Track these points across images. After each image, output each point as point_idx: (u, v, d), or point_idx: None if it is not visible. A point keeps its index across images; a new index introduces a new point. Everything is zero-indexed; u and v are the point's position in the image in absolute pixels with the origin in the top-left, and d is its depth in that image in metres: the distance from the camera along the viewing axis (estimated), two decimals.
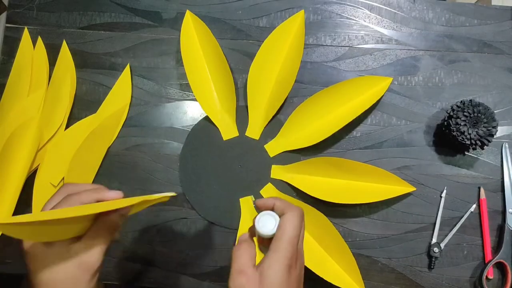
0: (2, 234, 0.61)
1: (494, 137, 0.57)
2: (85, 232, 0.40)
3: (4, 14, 0.66)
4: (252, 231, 0.43)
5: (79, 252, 0.39)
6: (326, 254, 0.59)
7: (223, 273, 0.60)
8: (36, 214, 0.36)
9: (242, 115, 0.63)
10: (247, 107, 0.63)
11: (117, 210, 0.41)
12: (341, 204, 0.60)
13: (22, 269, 0.61)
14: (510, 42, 0.63)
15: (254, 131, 0.62)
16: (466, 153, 0.61)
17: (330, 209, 0.60)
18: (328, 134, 0.60)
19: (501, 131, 0.61)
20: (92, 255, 0.39)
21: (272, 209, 0.42)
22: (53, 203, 0.40)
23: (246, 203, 0.61)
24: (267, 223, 0.41)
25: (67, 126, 0.63)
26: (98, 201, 0.41)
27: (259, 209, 0.44)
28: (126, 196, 0.42)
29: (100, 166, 0.63)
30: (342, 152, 0.62)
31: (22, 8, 0.66)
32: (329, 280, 0.57)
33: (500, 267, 0.60)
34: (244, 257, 0.39)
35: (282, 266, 0.38)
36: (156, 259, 0.61)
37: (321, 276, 0.56)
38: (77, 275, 0.39)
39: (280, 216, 0.41)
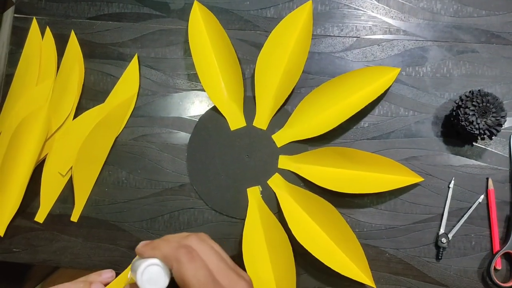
0: (9, 223, 0.61)
1: (503, 127, 0.57)
2: None
3: (12, 5, 0.67)
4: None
5: None
6: (334, 244, 0.59)
7: None
8: None
9: (249, 105, 0.63)
10: (254, 97, 0.63)
11: None
12: (349, 194, 0.60)
13: (28, 258, 0.62)
14: None
15: (261, 121, 0.62)
16: (474, 143, 0.61)
17: (338, 199, 0.60)
18: (336, 125, 0.60)
19: (509, 121, 0.61)
20: None
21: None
22: None
23: (253, 193, 0.61)
24: (154, 278, 0.34)
25: (75, 116, 0.63)
26: None
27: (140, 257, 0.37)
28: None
29: (108, 156, 0.63)
30: (349, 142, 0.62)
31: None
32: (336, 270, 0.57)
33: (508, 258, 0.59)
34: None
35: None
36: None
37: (328, 266, 0.56)
38: None
39: (169, 268, 0.34)
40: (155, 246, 0.37)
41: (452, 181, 0.60)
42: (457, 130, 0.59)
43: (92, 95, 0.64)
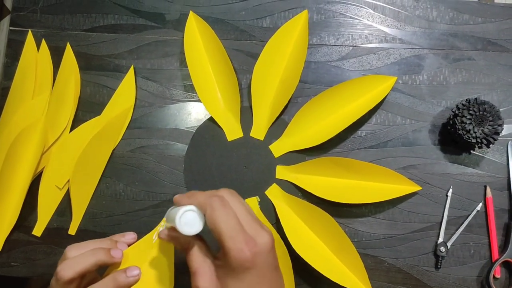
0: (7, 238, 0.61)
1: (500, 135, 0.57)
2: None
3: (8, 17, 0.66)
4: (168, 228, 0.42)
5: None
6: (332, 254, 0.59)
7: None
8: None
9: (246, 116, 0.63)
10: (251, 107, 0.63)
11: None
12: (347, 204, 0.59)
13: (27, 272, 0.61)
14: None
15: (258, 131, 0.62)
16: (471, 151, 0.61)
17: (336, 209, 0.60)
18: (333, 134, 0.60)
19: (506, 129, 0.61)
20: None
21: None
22: None
23: (251, 204, 0.61)
24: (189, 222, 0.37)
25: (71, 129, 0.63)
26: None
27: (177, 205, 0.41)
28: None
29: (105, 168, 0.63)
30: (347, 151, 0.62)
31: (26, 11, 0.66)
32: (335, 280, 0.56)
33: (507, 266, 0.59)
34: (197, 256, 0.40)
35: (238, 273, 0.36)
36: None
37: (327, 276, 0.56)
38: None
39: (203, 213, 0.38)
40: (191, 195, 0.41)
41: (450, 190, 0.60)
42: (454, 139, 0.59)
43: (88, 107, 0.64)
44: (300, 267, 0.58)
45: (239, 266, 0.36)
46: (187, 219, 0.38)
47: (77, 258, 0.43)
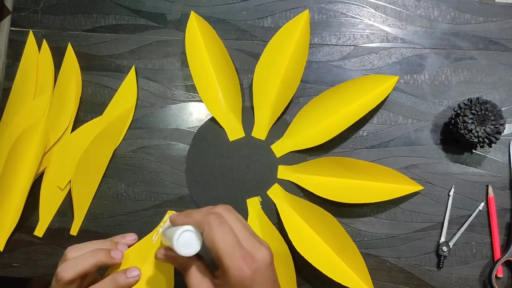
0: (9, 238, 0.61)
1: (502, 134, 0.57)
2: None
3: (8, 18, 0.66)
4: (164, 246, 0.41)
5: None
6: (334, 254, 0.58)
7: None
8: None
9: (248, 116, 0.63)
10: (253, 107, 0.62)
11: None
12: (349, 203, 0.59)
13: (28, 273, 0.61)
14: None
15: (260, 131, 0.62)
16: (473, 151, 0.61)
17: (338, 209, 0.60)
18: (335, 134, 0.60)
19: (508, 128, 0.61)
20: None
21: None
22: None
23: (253, 204, 0.61)
24: (188, 242, 0.37)
25: (73, 129, 0.63)
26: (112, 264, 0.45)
27: (174, 225, 0.40)
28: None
29: (107, 169, 0.63)
30: (348, 151, 0.62)
31: (27, 11, 0.66)
32: (337, 280, 0.56)
33: (510, 265, 0.59)
34: (195, 275, 0.40)
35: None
36: None
37: (329, 276, 0.56)
38: None
39: (200, 232, 0.38)
40: (187, 214, 0.40)
41: (452, 189, 0.60)
42: (456, 138, 0.59)
43: (89, 107, 0.64)
44: (302, 267, 0.58)
45: (239, 284, 0.36)
46: (185, 239, 0.37)
47: (77, 259, 0.43)
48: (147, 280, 0.47)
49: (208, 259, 0.44)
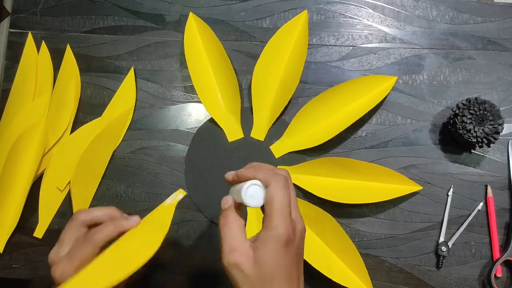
0: (8, 240, 0.61)
1: (500, 134, 0.57)
2: None
3: (7, 19, 0.66)
4: (234, 200, 0.42)
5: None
6: (333, 255, 0.59)
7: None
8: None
9: (247, 117, 0.63)
10: (251, 108, 0.63)
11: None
12: (348, 204, 0.59)
13: (28, 274, 0.61)
14: None
15: (259, 132, 0.62)
16: (472, 151, 0.61)
17: (337, 209, 0.60)
18: (334, 134, 0.60)
19: (507, 128, 0.61)
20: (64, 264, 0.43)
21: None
22: (78, 245, 0.44)
23: None
24: (254, 196, 0.39)
25: (72, 130, 0.63)
26: (119, 234, 0.44)
27: (240, 181, 0.42)
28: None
29: (106, 170, 0.63)
30: (347, 152, 0.62)
31: (26, 13, 0.66)
32: (336, 281, 0.57)
33: (509, 265, 0.59)
34: (234, 232, 0.39)
35: (278, 243, 0.37)
36: (163, 261, 0.61)
37: (328, 276, 0.56)
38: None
39: (265, 186, 0.39)
40: (256, 168, 0.41)
41: (451, 189, 0.60)
42: (454, 138, 0.59)
43: (89, 109, 0.64)
44: None
45: (279, 242, 0.37)
46: (252, 192, 0.39)
47: (95, 209, 0.47)
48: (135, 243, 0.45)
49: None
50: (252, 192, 0.40)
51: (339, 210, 0.60)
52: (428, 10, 0.64)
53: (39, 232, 0.62)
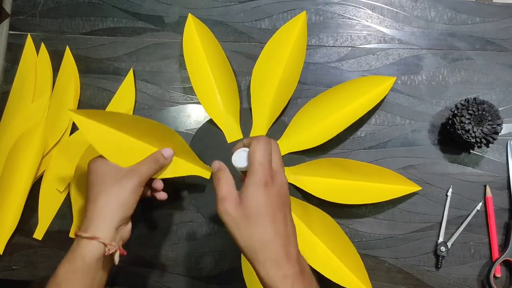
0: (8, 241, 0.61)
1: (499, 134, 0.57)
2: None
3: (7, 21, 0.67)
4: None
5: (127, 171, 0.51)
6: (333, 255, 0.59)
7: (229, 277, 0.60)
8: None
9: (246, 117, 0.63)
10: (250, 109, 0.63)
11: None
12: (347, 204, 0.60)
13: (28, 275, 0.62)
14: None
15: (258, 133, 0.62)
16: (471, 151, 0.61)
17: (336, 210, 0.60)
18: (333, 135, 0.60)
19: (506, 128, 0.61)
20: (133, 177, 0.50)
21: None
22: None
23: None
24: (240, 158, 0.45)
25: (71, 132, 0.63)
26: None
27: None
28: None
29: None
30: (346, 152, 0.62)
31: (25, 15, 0.66)
32: (336, 281, 0.57)
33: (508, 265, 0.59)
34: (224, 184, 0.43)
35: (257, 185, 0.41)
36: (162, 263, 0.61)
37: (327, 277, 0.56)
38: (121, 182, 0.50)
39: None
40: (252, 137, 0.46)
41: (450, 189, 0.60)
42: (453, 139, 0.59)
43: None
44: None
45: (259, 185, 0.41)
46: (239, 156, 0.46)
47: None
48: None
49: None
50: (238, 156, 0.46)
51: (338, 211, 0.60)
52: (426, 10, 0.64)
53: (39, 234, 0.62)
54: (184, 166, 0.57)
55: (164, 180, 0.56)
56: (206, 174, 0.57)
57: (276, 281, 0.40)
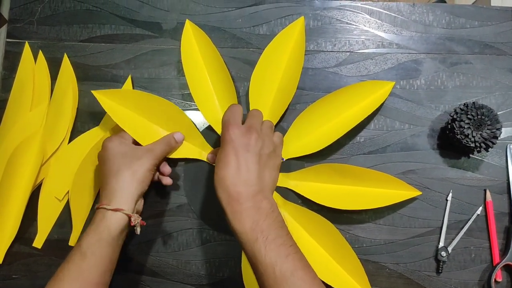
0: (8, 250, 0.61)
1: (499, 139, 0.57)
2: None
3: (4, 29, 0.66)
4: None
5: (143, 150, 0.56)
6: (333, 261, 0.59)
7: (230, 283, 0.60)
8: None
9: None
10: None
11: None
12: (347, 210, 0.59)
13: (28, 284, 0.61)
14: (511, 43, 0.63)
15: None
16: (470, 155, 0.61)
17: (336, 216, 0.60)
18: (332, 140, 0.60)
19: (505, 132, 0.61)
20: (151, 156, 0.55)
21: None
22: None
23: None
24: None
25: (70, 140, 0.63)
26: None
27: None
28: None
29: None
30: (346, 157, 0.62)
31: (23, 22, 0.66)
32: (336, 287, 0.56)
33: (509, 269, 0.59)
34: (238, 115, 0.52)
35: (224, 143, 0.50)
36: (163, 270, 0.61)
37: (328, 283, 0.56)
38: (140, 159, 0.54)
39: None
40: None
41: (450, 194, 0.60)
42: (453, 143, 0.59)
43: (86, 118, 0.64)
44: None
45: (223, 140, 0.50)
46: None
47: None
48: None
49: None
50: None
51: (338, 216, 0.60)
52: (424, 15, 0.64)
53: (38, 242, 0.62)
54: (190, 150, 0.61)
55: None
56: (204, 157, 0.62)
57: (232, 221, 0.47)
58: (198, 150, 0.62)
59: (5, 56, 0.66)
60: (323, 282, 0.56)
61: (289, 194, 0.61)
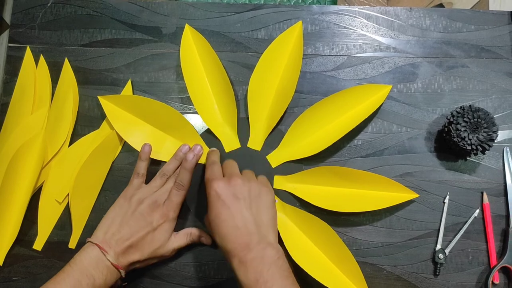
0: (8, 252, 0.62)
1: (495, 141, 0.57)
2: None
3: (6, 33, 0.67)
4: None
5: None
6: (331, 263, 0.59)
7: (228, 286, 0.61)
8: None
9: (243, 127, 0.63)
10: (248, 118, 0.63)
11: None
12: (345, 212, 0.60)
13: (28, 286, 0.62)
14: (508, 47, 0.63)
15: (255, 142, 0.63)
16: (467, 158, 0.62)
17: (334, 218, 0.60)
18: (330, 143, 0.60)
19: (501, 135, 0.62)
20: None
21: None
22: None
23: None
24: None
25: (70, 143, 0.64)
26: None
27: None
28: None
29: (105, 181, 0.63)
30: (343, 160, 0.62)
31: (24, 27, 0.67)
32: None
33: (506, 271, 0.59)
34: (217, 169, 0.54)
35: (210, 197, 0.52)
36: (162, 273, 0.61)
37: (326, 285, 0.56)
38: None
39: None
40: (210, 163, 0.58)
41: (447, 196, 0.61)
42: (449, 146, 0.60)
43: (87, 121, 0.65)
44: (299, 276, 0.58)
45: (209, 195, 0.52)
46: None
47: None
48: None
49: None
50: None
51: (336, 219, 0.60)
52: (421, 19, 0.64)
53: (38, 245, 0.62)
54: None
55: None
56: None
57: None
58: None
59: (7, 60, 0.67)
60: (322, 286, 0.56)
61: (287, 197, 0.62)
